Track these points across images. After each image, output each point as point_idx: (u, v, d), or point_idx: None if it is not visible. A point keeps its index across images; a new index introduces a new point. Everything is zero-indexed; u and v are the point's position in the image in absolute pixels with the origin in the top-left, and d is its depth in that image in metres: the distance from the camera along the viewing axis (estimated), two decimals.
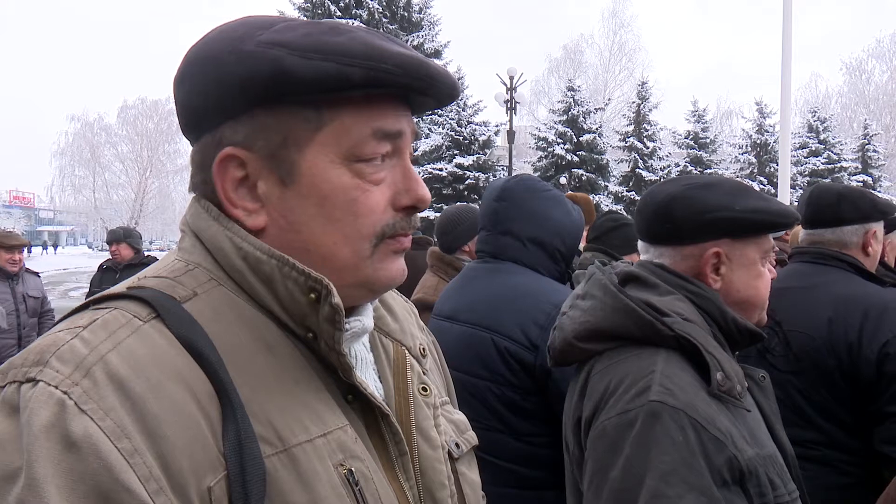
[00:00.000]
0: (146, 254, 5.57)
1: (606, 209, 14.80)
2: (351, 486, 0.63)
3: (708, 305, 1.23)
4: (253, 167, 0.67)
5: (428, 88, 0.68)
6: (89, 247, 54.75)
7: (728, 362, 1.18)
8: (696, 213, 1.23)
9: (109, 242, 5.34)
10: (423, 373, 0.81)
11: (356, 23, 19.75)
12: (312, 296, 0.65)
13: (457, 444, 0.81)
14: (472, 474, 0.83)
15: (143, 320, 0.61)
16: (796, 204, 2.26)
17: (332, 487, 0.62)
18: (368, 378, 0.75)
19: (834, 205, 1.94)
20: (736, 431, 1.10)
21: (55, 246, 53.05)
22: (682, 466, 1.03)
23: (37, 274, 5.31)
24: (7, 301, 4.81)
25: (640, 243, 1.37)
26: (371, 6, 21.99)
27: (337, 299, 0.65)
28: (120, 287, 0.66)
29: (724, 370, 1.15)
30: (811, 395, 1.78)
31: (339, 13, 21.29)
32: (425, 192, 0.72)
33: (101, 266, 5.49)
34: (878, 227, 1.97)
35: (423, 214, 20.24)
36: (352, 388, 0.68)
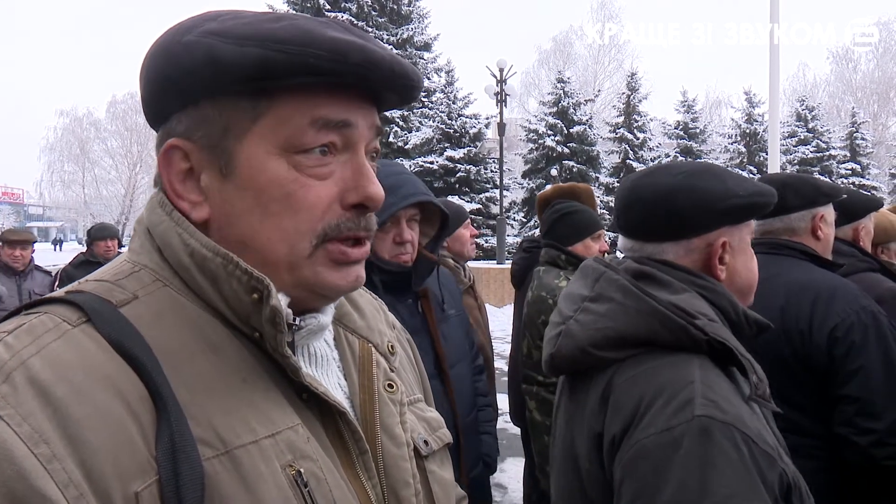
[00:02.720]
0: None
1: (598, 200, 14.81)
2: (299, 487, 0.61)
3: (719, 300, 1.17)
4: (196, 158, 0.67)
5: (369, 76, 0.65)
6: (79, 243, 54.36)
7: (754, 362, 1.11)
8: (708, 202, 1.16)
9: (103, 238, 5.15)
10: (391, 370, 0.80)
11: (345, 16, 19.65)
12: (255, 295, 0.64)
13: (425, 442, 0.79)
14: (442, 472, 0.81)
15: (72, 324, 0.59)
16: None
17: (279, 489, 0.60)
18: (332, 375, 0.74)
19: (778, 193, 1.97)
20: (776, 441, 1.05)
21: (61, 242, 52.76)
22: (741, 487, 0.94)
23: (48, 272, 5.24)
24: (12, 297, 4.77)
25: (625, 241, 1.28)
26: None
27: (275, 301, 0.63)
28: (59, 291, 0.65)
29: (757, 372, 1.08)
30: (772, 383, 1.81)
31: (328, 6, 21.15)
32: (376, 189, 0.68)
33: (78, 261, 5.16)
34: (826, 211, 1.98)
35: None
36: (306, 386, 0.66)
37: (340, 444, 0.68)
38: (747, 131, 28.01)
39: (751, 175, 26.01)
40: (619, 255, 1.42)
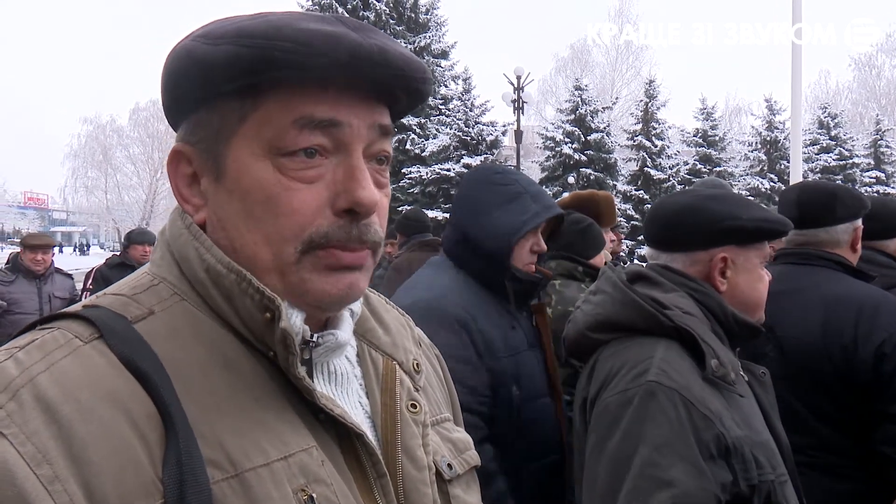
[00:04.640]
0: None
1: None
2: None
3: (709, 301, 1.37)
4: (196, 162, 0.67)
5: (354, 69, 0.61)
6: (101, 247, 55.18)
7: (723, 351, 1.32)
8: (708, 221, 1.37)
9: (141, 242, 5.26)
10: (416, 389, 0.77)
11: None
12: (268, 315, 0.62)
13: (449, 465, 0.75)
14: (468, 497, 0.77)
15: (84, 341, 0.59)
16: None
17: None
18: (352, 393, 0.72)
19: (829, 204, 1.90)
20: (727, 413, 1.24)
21: (88, 246, 53.74)
22: (673, 439, 1.17)
23: (69, 276, 5.38)
24: (32, 300, 4.91)
25: (649, 250, 1.50)
26: (378, 7, 22.02)
27: (285, 323, 0.61)
28: (76, 306, 0.64)
29: (719, 358, 1.28)
30: (805, 398, 1.75)
31: (346, 15, 21.32)
32: (366, 194, 0.63)
33: (113, 263, 5.31)
34: (860, 224, 1.97)
35: (432, 214, 20.41)
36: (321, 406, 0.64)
37: (358, 467, 0.66)
38: (768, 139, 27.68)
39: (771, 184, 25.72)
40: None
